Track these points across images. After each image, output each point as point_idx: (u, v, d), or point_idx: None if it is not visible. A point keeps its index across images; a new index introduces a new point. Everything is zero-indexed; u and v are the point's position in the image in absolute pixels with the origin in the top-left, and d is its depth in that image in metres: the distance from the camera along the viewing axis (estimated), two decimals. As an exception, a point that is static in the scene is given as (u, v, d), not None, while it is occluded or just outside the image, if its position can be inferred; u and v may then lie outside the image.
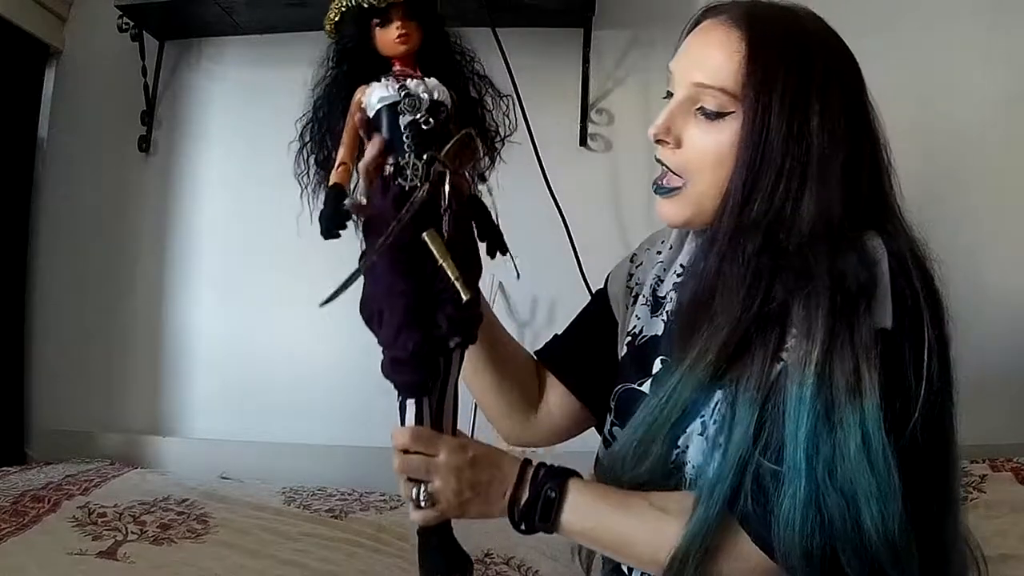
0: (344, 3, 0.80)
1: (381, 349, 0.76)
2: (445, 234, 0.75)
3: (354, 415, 1.94)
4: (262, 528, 1.56)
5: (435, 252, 0.73)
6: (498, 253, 0.84)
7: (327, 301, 0.68)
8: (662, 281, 0.92)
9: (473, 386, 0.98)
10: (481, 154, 0.84)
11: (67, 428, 2.14)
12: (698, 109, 0.78)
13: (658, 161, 0.83)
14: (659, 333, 0.88)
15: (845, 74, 0.78)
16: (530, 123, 1.73)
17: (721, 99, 0.76)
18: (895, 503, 0.65)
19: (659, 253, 0.96)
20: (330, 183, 0.77)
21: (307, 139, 0.84)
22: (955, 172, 1.93)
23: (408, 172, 0.75)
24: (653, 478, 0.76)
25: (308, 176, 0.84)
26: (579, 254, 1.93)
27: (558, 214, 1.92)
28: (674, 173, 0.81)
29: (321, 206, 0.76)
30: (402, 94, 0.77)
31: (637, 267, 0.99)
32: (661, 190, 0.82)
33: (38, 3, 2.12)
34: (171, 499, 1.66)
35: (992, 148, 1.97)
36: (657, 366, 0.85)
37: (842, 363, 0.67)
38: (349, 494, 1.82)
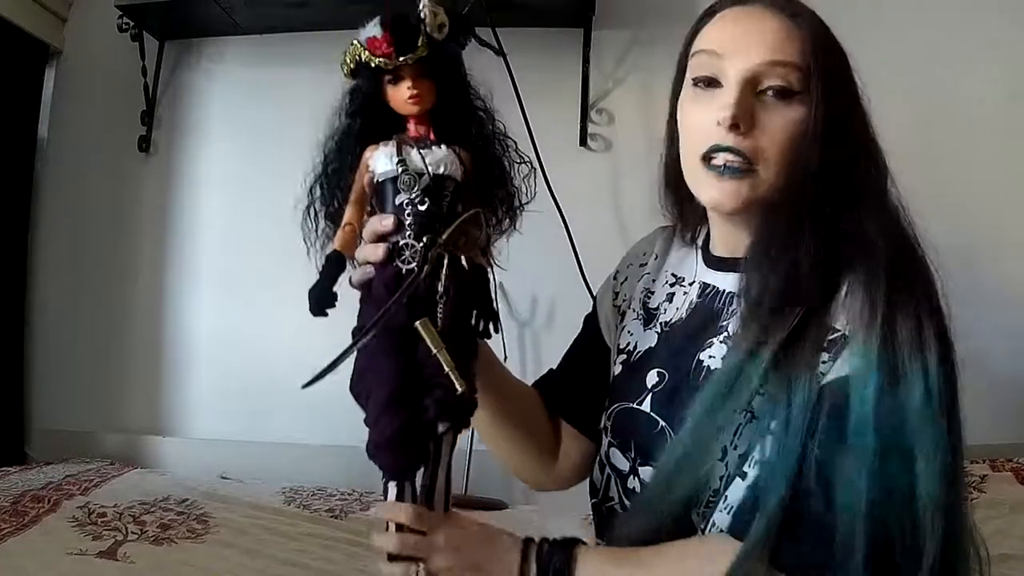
0: (355, 55, 0.75)
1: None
2: (440, 322, 0.72)
3: (354, 415, 1.92)
4: (262, 528, 1.56)
5: (428, 342, 0.70)
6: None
7: (311, 383, 0.67)
8: (652, 292, 0.91)
9: (489, 443, 0.97)
10: (492, 230, 0.80)
11: (67, 428, 2.14)
12: (764, 90, 0.75)
13: (722, 150, 0.76)
14: (652, 346, 0.87)
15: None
16: (530, 123, 1.72)
17: (791, 77, 0.75)
18: (946, 455, 0.66)
19: (643, 266, 0.95)
20: (333, 246, 0.75)
21: (315, 195, 0.80)
22: (954, 172, 1.92)
23: (407, 254, 0.72)
24: (691, 505, 0.74)
25: (316, 232, 0.80)
26: (579, 254, 1.93)
27: (558, 214, 1.92)
28: (745, 158, 0.76)
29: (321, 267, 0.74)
30: (399, 169, 0.73)
31: (622, 283, 0.98)
32: (727, 170, 0.76)
33: (38, 3, 2.12)
34: (171, 499, 1.66)
35: (992, 147, 1.96)
36: (652, 379, 0.84)
37: (905, 322, 0.68)
38: (349, 494, 1.82)
